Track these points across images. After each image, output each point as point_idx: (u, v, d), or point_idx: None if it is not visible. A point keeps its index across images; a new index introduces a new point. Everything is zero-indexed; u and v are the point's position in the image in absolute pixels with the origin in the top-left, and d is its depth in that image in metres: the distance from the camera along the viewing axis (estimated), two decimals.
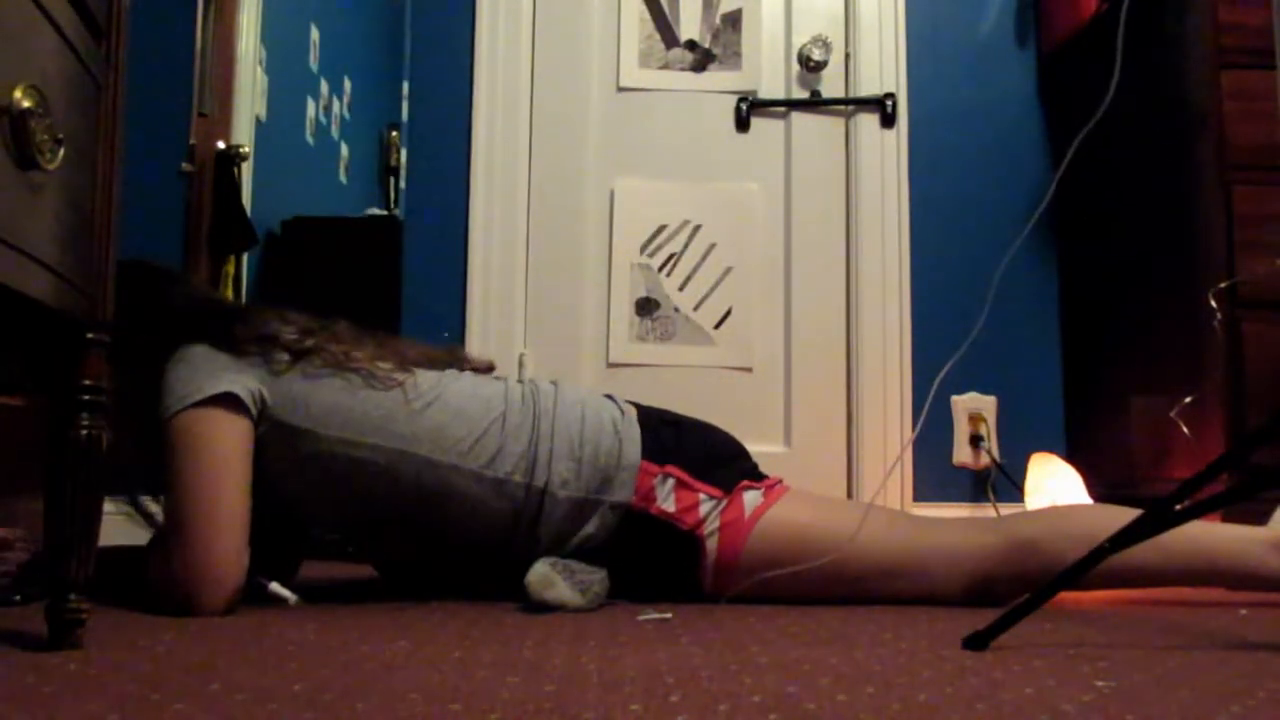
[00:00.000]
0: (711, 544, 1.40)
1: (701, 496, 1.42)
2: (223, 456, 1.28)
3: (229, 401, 1.30)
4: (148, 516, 1.44)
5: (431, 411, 1.39)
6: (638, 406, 1.53)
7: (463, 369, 1.53)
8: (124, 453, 1.10)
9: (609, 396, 1.53)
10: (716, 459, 1.47)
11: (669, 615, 1.28)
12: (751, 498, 1.43)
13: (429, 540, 1.44)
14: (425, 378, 1.44)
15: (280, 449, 1.34)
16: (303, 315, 1.45)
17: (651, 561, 1.43)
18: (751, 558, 1.40)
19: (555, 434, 1.42)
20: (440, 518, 1.40)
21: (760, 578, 1.38)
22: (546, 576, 1.32)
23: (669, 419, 1.52)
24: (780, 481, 1.49)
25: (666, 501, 1.41)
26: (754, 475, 1.49)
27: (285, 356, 1.36)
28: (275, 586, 1.38)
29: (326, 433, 1.35)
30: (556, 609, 1.30)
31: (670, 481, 1.42)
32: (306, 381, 1.36)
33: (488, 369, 1.59)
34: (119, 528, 1.42)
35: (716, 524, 1.41)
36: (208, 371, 1.31)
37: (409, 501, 1.39)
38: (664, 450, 1.44)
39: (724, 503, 1.42)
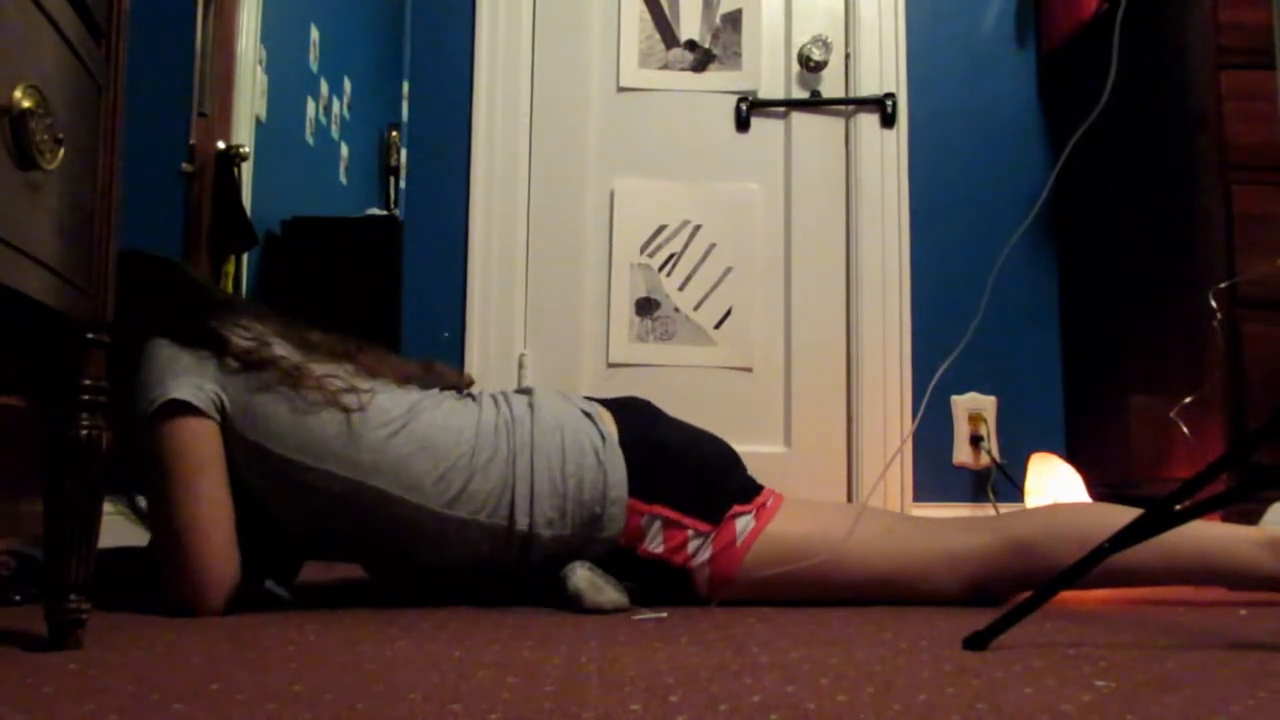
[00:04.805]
0: (703, 574, 1.39)
1: (690, 533, 1.38)
2: (195, 462, 1.27)
3: (192, 408, 1.27)
4: (143, 515, 1.43)
5: (397, 441, 1.33)
6: (617, 417, 1.46)
7: (441, 387, 1.46)
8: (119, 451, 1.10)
9: (587, 414, 1.44)
10: (705, 483, 1.42)
11: (664, 615, 1.28)
12: (743, 524, 1.40)
13: (401, 563, 1.41)
14: (396, 402, 1.37)
15: (243, 457, 1.31)
16: (274, 320, 1.40)
17: (644, 579, 1.42)
18: (746, 577, 1.39)
19: (535, 471, 1.36)
20: (406, 547, 1.36)
21: (759, 577, 1.38)
22: (594, 583, 1.31)
23: (652, 438, 1.44)
24: (771, 496, 1.46)
25: (654, 542, 1.38)
26: (745, 494, 1.44)
27: (235, 364, 1.31)
28: (270, 584, 1.38)
29: (283, 452, 1.30)
30: (611, 612, 1.30)
31: (658, 522, 1.38)
32: (261, 394, 1.30)
33: (467, 385, 1.51)
34: (119, 528, 1.42)
35: (708, 554, 1.38)
36: (172, 373, 1.28)
37: (369, 530, 1.35)
38: (650, 483, 1.38)
39: (714, 533, 1.39)
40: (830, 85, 2.66)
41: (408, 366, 1.47)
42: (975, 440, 2.56)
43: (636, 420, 1.47)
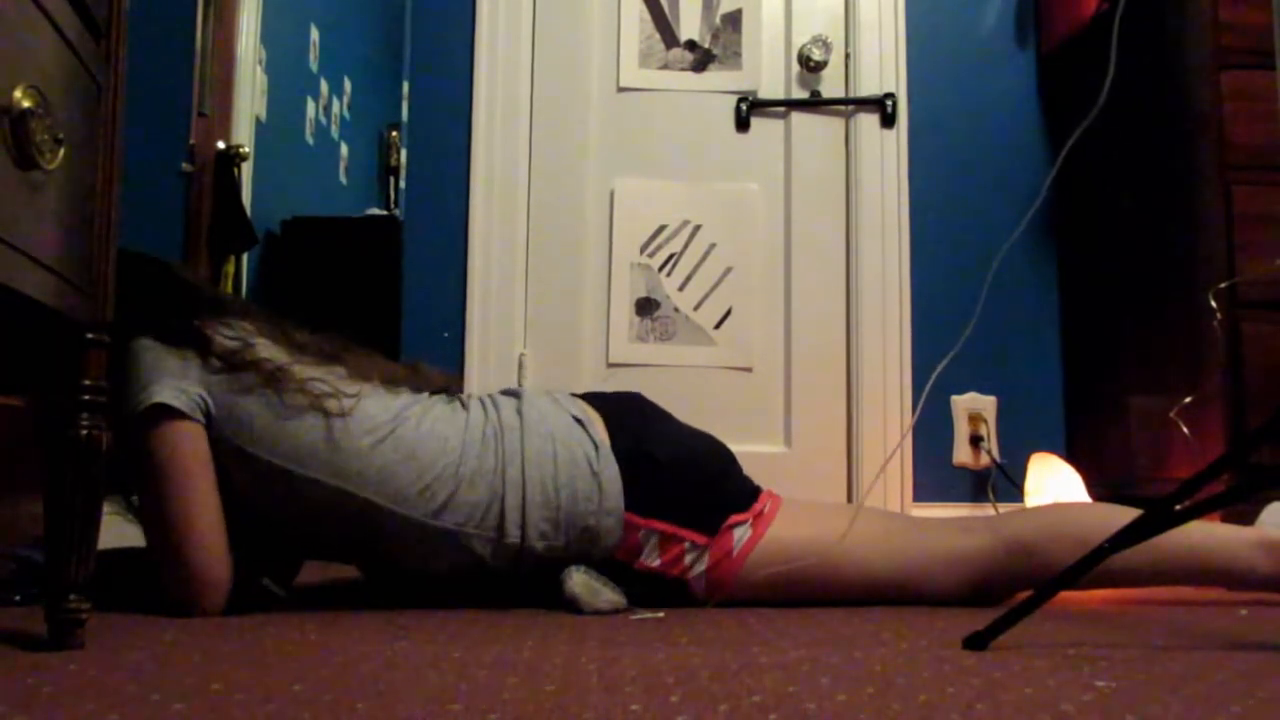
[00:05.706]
0: (699, 583, 1.38)
1: (686, 545, 1.37)
2: (183, 465, 1.26)
3: (176, 411, 1.26)
4: (139, 514, 1.42)
5: (382, 449, 1.31)
6: (608, 421, 1.43)
7: (431, 390, 1.44)
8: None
9: (578, 419, 1.41)
10: (701, 494, 1.40)
11: (661, 614, 1.28)
12: (740, 533, 1.39)
13: (393, 568, 1.41)
14: (384, 407, 1.35)
15: (229, 459, 1.30)
16: (262, 319, 1.39)
17: (640, 586, 1.41)
18: (744, 583, 1.38)
19: (527, 482, 1.34)
20: (394, 554, 1.35)
21: (756, 581, 1.38)
22: (590, 586, 1.31)
23: (645, 447, 1.40)
24: (769, 501, 1.44)
25: (650, 556, 1.37)
26: (741, 501, 1.42)
27: (218, 364, 1.29)
28: (266, 582, 1.38)
29: (266, 457, 1.29)
30: (609, 613, 1.29)
31: (654, 537, 1.37)
32: (243, 397, 1.29)
33: (455, 385, 1.50)
34: (119, 528, 1.42)
35: (704, 564, 1.37)
36: (155, 376, 1.26)
37: (357, 535, 1.34)
38: (644, 496, 1.36)
39: (711, 545, 1.37)
40: (830, 85, 2.66)
41: (394, 369, 1.45)
42: (975, 440, 2.56)
43: (628, 425, 1.44)
